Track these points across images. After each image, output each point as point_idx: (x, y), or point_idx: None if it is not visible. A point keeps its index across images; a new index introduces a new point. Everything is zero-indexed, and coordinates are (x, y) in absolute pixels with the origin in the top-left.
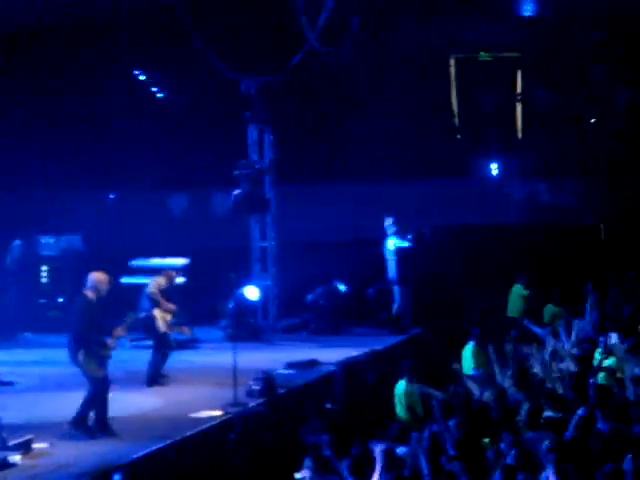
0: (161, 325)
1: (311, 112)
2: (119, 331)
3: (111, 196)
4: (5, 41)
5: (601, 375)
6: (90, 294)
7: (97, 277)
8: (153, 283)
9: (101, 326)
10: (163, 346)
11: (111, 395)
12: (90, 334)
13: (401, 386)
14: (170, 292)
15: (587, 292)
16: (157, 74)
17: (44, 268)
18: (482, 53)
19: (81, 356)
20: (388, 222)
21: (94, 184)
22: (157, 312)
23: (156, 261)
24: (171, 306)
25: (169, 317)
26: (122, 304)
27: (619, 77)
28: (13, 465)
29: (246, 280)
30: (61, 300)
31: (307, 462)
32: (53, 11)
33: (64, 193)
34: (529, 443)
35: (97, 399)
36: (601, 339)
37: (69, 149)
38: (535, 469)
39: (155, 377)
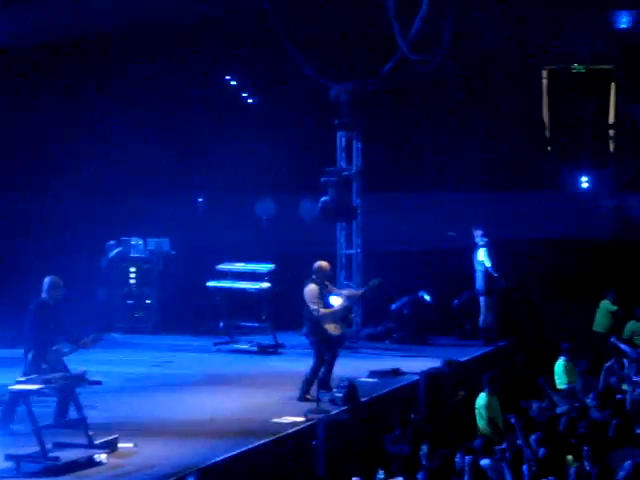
0: (333, 330)
1: (400, 121)
2: (85, 343)
3: (199, 200)
4: (96, 44)
5: None
6: (45, 296)
7: (53, 281)
8: (312, 306)
9: (54, 330)
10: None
11: (195, 397)
12: (42, 336)
13: (482, 399)
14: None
15: None
16: (248, 80)
17: (132, 269)
18: (575, 65)
19: (30, 357)
20: (477, 233)
21: (183, 188)
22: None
23: (241, 265)
24: (325, 310)
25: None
26: (208, 307)
27: None
28: (99, 463)
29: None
30: (148, 302)
31: (380, 474)
32: (142, 17)
33: (153, 197)
34: (613, 460)
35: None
36: None
37: (159, 154)
38: None
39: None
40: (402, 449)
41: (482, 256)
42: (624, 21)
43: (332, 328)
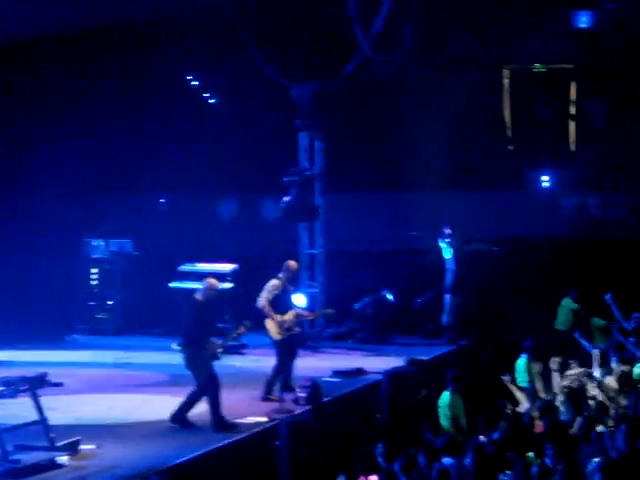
0: (273, 333)
1: (362, 120)
2: (241, 329)
3: (162, 200)
4: (61, 43)
5: None
6: (199, 297)
7: (210, 282)
8: (263, 294)
9: (208, 327)
10: (281, 353)
11: (158, 398)
12: (198, 333)
13: (445, 397)
14: (286, 294)
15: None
16: (210, 80)
17: (94, 271)
18: (536, 65)
19: (187, 353)
20: (446, 232)
21: (145, 189)
22: (268, 322)
23: (204, 266)
24: (278, 317)
25: (288, 318)
26: (169, 308)
27: None
28: (61, 466)
29: (293, 287)
30: (110, 303)
31: (341, 478)
32: (106, 16)
33: (116, 197)
34: (580, 457)
35: (200, 397)
36: None
37: (121, 153)
38: None
39: (281, 385)
40: (367, 448)
41: (447, 254)
42: (584, 21)
43: (273, 330)
